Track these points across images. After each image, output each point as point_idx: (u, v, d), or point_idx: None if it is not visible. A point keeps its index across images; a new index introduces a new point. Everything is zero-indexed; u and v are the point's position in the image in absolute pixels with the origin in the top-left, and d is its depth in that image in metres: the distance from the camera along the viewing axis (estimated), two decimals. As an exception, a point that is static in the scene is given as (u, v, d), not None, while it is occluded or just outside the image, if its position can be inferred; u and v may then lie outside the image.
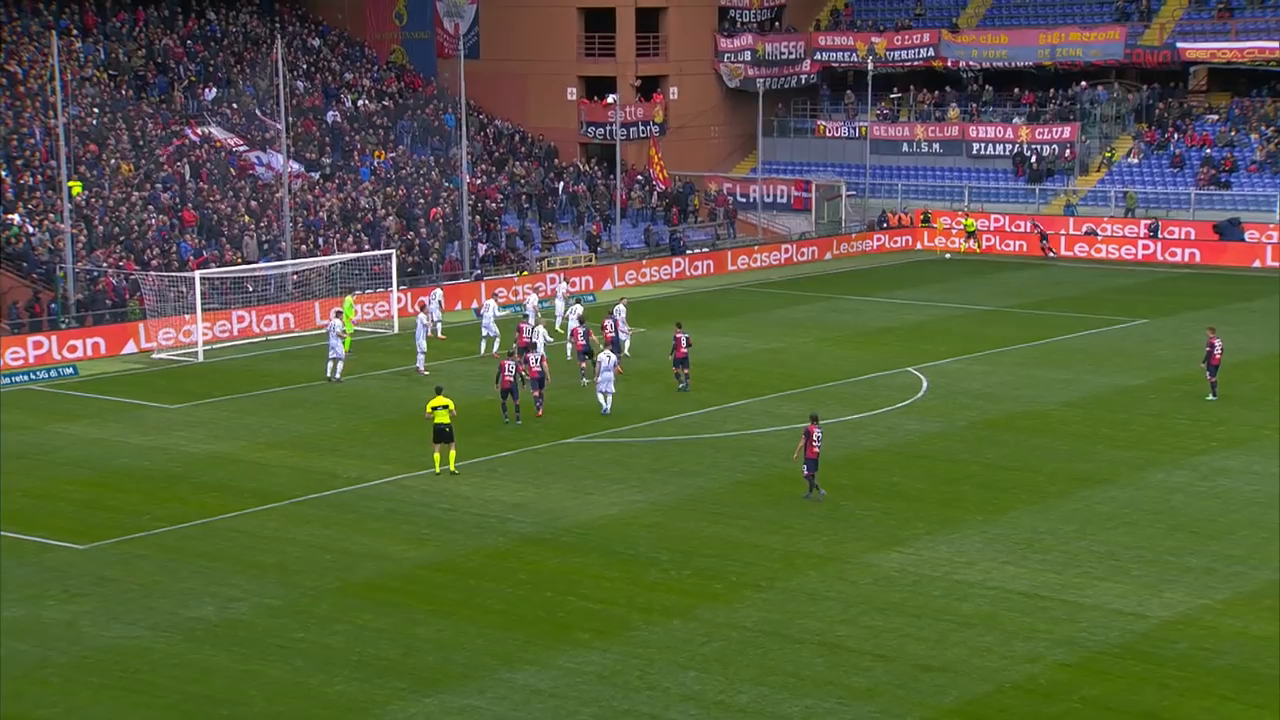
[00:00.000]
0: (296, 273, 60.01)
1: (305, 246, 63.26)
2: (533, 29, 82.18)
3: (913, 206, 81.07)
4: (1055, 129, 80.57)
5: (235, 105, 73.90)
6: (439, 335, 54.53)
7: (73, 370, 51.12)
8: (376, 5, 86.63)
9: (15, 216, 59.46)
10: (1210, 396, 44.87)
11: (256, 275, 59.30)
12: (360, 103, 79.36)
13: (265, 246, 62.94)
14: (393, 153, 75.52)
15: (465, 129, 69.32)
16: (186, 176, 66.58)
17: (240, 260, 60.97)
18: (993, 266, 72.95)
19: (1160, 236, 73.93)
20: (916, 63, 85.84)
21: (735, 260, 73.01)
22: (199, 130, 70.97)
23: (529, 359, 43.33)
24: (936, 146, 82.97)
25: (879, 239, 78.87)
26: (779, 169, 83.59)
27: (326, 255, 61.89)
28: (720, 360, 51.00)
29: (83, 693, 25.45)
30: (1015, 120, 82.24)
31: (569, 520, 34.25)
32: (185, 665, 26.47)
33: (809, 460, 35.12)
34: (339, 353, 48.56)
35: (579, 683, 25.62)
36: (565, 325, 52.44)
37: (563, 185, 77.14)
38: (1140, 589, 29.69)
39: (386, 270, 59.46)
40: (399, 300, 58.71)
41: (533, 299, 55.28)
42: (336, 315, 50.20)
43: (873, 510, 34.79)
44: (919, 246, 78.92)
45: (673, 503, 35.51)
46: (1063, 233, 75.83)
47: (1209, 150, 77.84)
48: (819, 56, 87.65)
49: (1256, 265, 71.26)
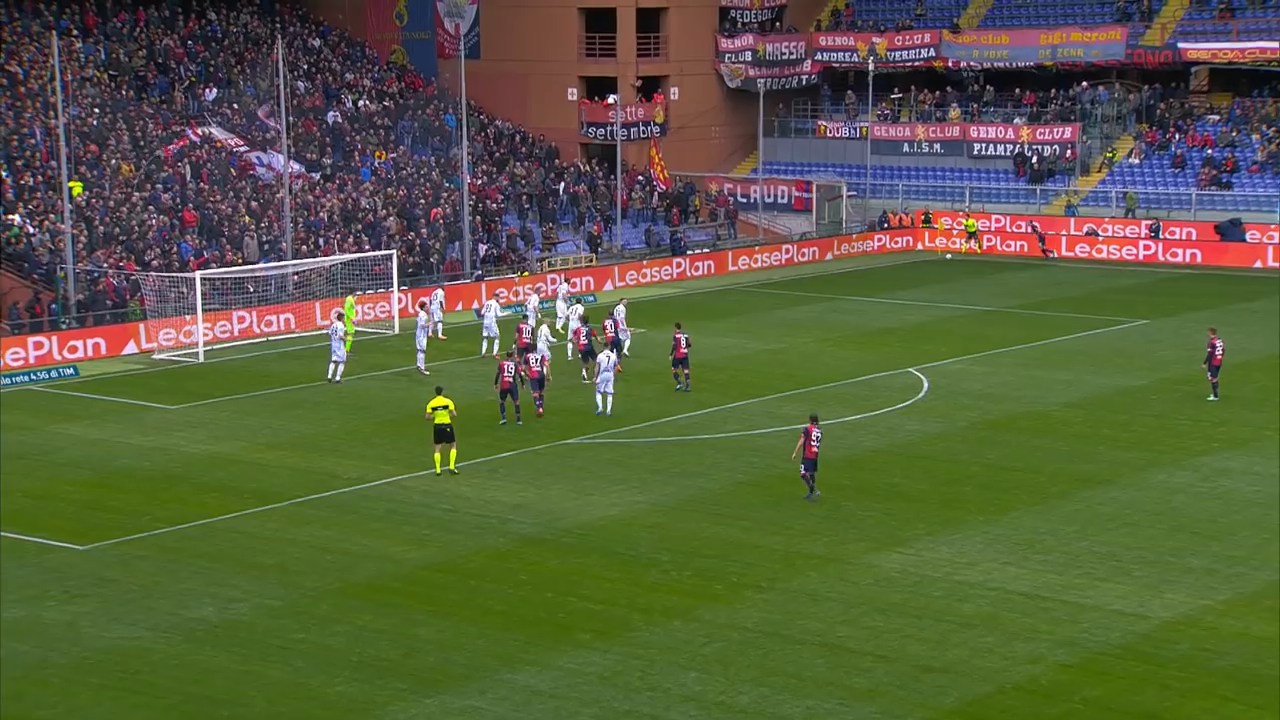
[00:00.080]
0: (297, 273, 59.99)
1: (306, 247, 63.24)
2: (533, 29, 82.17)
3: (914, 207, 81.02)
4: (1056, 129, 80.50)
5: (236, 105, 73.89)
6: (440, 336, 54.54)
7: (73, 371, 51.11)
8: (377, 5, 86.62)
9: (16, 217, 59.43)
10: (1211, 397, 44.85)
11: (257, 276, 59.27)
12: (361, 103, 79.31)
13: (266, 247, 62.92)
14: (393, 153, 75.48)
15: (466, 129, 69.30)
16: (187, 177, 66.58)
17: (241, 261, 60.95)
18: (994, 267, 72.91)
19: (1161, 237, 73.88)
20: (917, 63, 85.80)
21: (736, 261, 72.98)
22: (199, 130, 70.95)
23: (529, 359, 43.36)
24: (937, 147, 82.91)
25: (880, 239, 78.83)
26: (780, 169, 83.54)
27: (327, 256, 61.83)
28: (721, 361, 50.97)
29: (83, 693, 25.43)
30: (1016, 121, 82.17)
31: (570, 521, 34.23)
32: (186, 666, 26.45)
33: (807, 460, 35.14)
34: (340, 356, 48.55)
35: (580, 683, 25.60)
36: (567, 326, 52.48)
37: (563, 186, 77.10)
38: (1141, 590, 29.68)
39: (387, 271, 59.44)
40: (400, 301, 58.70)
41: (533, 299, 55.36)
42: (338, 316, 50.20)
43: (874, 511, 34.77)
44: (920, 247, 78.87)
45: (673, 503, 35.49)
46: (1064, 233, 75.80)
47: (1210, 151, 77.78)
48: (820, 57, 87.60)
49: (1258, 266, 71.21)
